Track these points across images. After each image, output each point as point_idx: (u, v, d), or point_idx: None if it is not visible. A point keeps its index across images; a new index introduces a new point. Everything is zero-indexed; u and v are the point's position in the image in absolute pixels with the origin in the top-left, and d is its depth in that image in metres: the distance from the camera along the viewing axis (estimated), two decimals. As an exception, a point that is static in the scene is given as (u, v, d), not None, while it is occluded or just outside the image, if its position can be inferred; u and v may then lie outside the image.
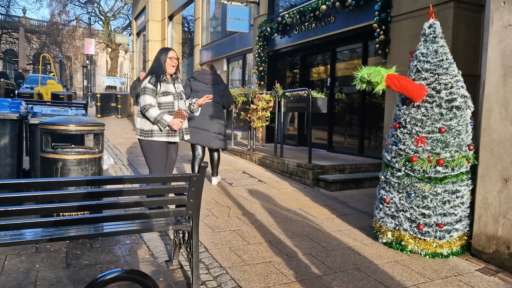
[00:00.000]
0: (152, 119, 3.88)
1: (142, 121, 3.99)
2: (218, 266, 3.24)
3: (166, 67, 4.01)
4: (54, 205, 2.53)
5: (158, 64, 4.02)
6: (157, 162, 4.04)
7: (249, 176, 6.53)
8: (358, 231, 4.17)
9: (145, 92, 3.91)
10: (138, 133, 4.03)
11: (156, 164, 4.03)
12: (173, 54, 4.02)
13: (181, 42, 19.06)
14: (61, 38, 38.59)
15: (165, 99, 3.96)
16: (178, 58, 4.03)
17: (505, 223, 3.32)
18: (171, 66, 4.00)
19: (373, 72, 3.55)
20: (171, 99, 3.99)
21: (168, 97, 3.98)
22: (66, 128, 3.57)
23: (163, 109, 3.93)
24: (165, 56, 4.01)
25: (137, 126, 4.05)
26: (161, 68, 4.00)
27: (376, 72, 3.55)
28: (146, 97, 3.89)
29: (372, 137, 7.73)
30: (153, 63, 4.07)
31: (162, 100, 3.94)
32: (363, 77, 3.57)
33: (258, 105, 7.53)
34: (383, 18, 6.27)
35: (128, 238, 3.69)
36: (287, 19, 8.71)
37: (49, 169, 3.58)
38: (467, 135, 3.57)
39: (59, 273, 2.97)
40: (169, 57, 4.00)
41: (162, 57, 4.01)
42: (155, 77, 3.95)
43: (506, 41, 3.30)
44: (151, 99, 3.89)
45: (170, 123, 3.90)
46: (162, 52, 4.06)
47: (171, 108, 3.98)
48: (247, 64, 12.55)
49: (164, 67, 4.00)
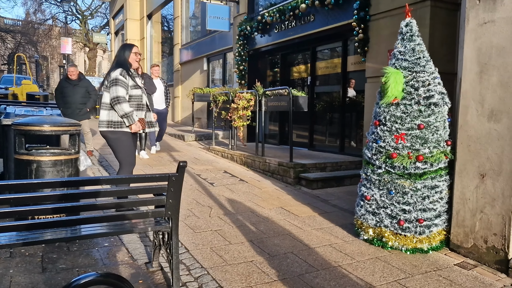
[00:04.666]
0: (122, 112, 3.89)
1: (110, 112, 3.97)
2: (199, 267, 3.19)
3: (131, 61, 4.07)
4: (28, 208, 2.45)
5: (123, 59, 4.06)
6: (129, 153, 4.07)
7: (230, 176, 6.49)
8: (339, 229, 4.19)
9: (117, 84, 3.89)
10: (105, 125, 3.97)
11: (125, 156, 4.06)
12: (137, 50, 4.11)
13: (161, 41, 18.86)
14: (36, 37, 37.64)
15: (135, 92, 4.04)
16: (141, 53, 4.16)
17: (482, 218, 3.38)
18: (135, 61, 4.07)
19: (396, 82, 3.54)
20: (140, 93, 4.09)
21: (138, 90, 4.06)
22: (40, 128, 3.47)
23: (133, 102, 4.01)
24: (129, 52, 4.07)
25: (102, 118, 3.98)
26: (126, 62, 4.06)
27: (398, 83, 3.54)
28: (119, 89, 3.89)
29: (353, 135, 7.79)
30: (118, 58, 4.10)
31: (133, 93, 4.02)
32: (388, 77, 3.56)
33: (239, 104, 7.49)
34: (362, 16, 6.32)
35: (106, 241, 3.61)
36: (267, 17, 8.70)
37: (23, 171, 3.47)
38: (444, 131, 3.62)
39: (35, 278, 2.88)
40: (134, 52, 4.07)
41: (126, 53, 4.08)
42: (125, 70, 3.99)
43: (482, 38, 3.36)
44: (123, 92, 3.91)
45: (135, 123, 3.97)
46: (126, 48, 4.13)
47: (139, 101, 4.06)
48: (228, 63, 12.50)
49: (129, 61, 4.07)
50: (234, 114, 7.66)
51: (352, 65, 7.54)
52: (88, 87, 7.44)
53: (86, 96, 7.33)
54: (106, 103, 3.98)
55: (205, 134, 10.77)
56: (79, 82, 7.30)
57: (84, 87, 7.32)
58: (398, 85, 3.54)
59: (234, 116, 7.67)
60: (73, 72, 7.29)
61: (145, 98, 4.19)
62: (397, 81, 3.54)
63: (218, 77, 13.37)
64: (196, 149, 9.15)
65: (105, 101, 3.99)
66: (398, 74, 3.57)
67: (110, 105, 3.94)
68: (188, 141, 10.23)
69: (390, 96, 3.56)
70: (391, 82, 3.53)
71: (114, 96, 3.88)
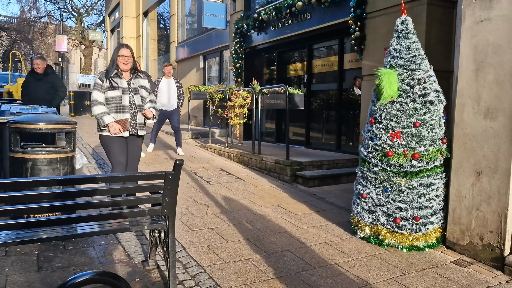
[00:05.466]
0: (94, 114, 4.05)
1: None
2: (195, 265, 3.19)
3: (118, 64, 4.11)
4: (23, 207, 2.43)
5: (112, 60, 4.17)
6: (114, 154, 4.11)
7: (227, 174, 6.48)
8: (336, 227, 4.19)
9: (94, 88, 4.10)
10: (97, 127, 4.16)
11: (113, 157, 4.12)
12: (125, 52, 4.08)
13: (157, 39, 18.80)
14: (32, 35, 37.41)
15: (112, 94, 4.06)
16: (132, 55, 4.13)
17: (478, 215, 3.39)
18: (122, 63, 4.09)
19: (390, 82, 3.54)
20: (118, 94, 4.06)
21: (115, 91, 4.06)
22: (35, 126, 3.44)
23: (110, 104, 4.04)
24: (115, 55, 4.12)
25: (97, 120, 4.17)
26: (114, 64, 4.12)
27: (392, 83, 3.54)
28: (94, 93, 4.08)
29: (349, 133, 7.80)
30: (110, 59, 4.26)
31: (108, 94, 4.06)
32: (382, 78, 3.56)
33: (235, 102, 7.48)
34: (358, 14, 6.31)
35: (102, 239, 3.60)
36: (264, 15, 8.68)
37: (19, 169, 3.45)
38: (440, 129, 3.63)
39: (30, 276, 2.86)
40: (119, 55, 4.08)
41: (114, 55, 4.15)
42: (105, 73, 4.13)
43: (478, 36, 3.36)
44: (98, 95, 4.06)
45: (109, 125, 3.98)
46: (115, 50, 4.18)
47: (118, 103, 4.06)
48: (224, 61, 12.48)
49: (116, 63, 4.11)
50: (231, 112, 7.65)
51: (348, 63, 7.54)
52: (55, 82, 6.82)
53: (51, 92, 6.64)
54: None
55: (201, 132, 10.76)
56: (45, 77, 6.67)
57: (49, 83, 6.68)
58: (392, 84, 3.54)
59: (231, 114, 7.66)
60: (38, 65, 6.67)
61: (128, 99, 4.07)
62: (391, 81, 3.54)
63: (214, 75, 13.34)
64: (192, 147, 9.13)
65: None
66: (391, 74, 3.57)
67: None
68: (185, 139, 10.20)
69: (387, 97, 3.55)
70: (385, 83, 3.53)
71: (91, 100, 4.09)
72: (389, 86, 3.53)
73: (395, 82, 3.56)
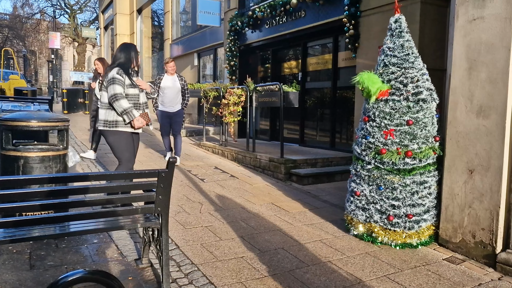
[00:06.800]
0: (121, 109, 3.95)
1: (107, 112, 4.07)
2: (189, 263, 3.18)
3: (134, 62, 4.18)
4: (15, 205, 2.41)
5: (128, 58, 4.15)
6: (126, 151, 4.12)
7: (221, 172, 6.47)
8: (330, 224, 4.20)
9: (114, 82, 3.98)
10: (102, 124, 4.09)
11: (125, 154, 4.12)
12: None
13: (151, 37, 18.71)
14: (24, 31, 37.11)
15: (132, 91, 4.09)
16: None
17: (470, 213, 3.42)
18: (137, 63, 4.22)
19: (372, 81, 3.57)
20: (137, 92, 4.14)
21: (135, 89, 4.12)
22: (27, 124, 3.42)
23: (130, 101, 4.05)
24: (136, 54, 4.21)
25: (100, 117, 4.11)
26: (130, 62, 4.16)
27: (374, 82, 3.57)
28: (116, 87, 3.97)
29: (343, 131, 7.82)
30: (122, 56, 4.16)
31: (129, 92, 4.07)
32: (362, 81, 3.59)
33: (229, 100, 7.46)
34: (352, 12, 6.32)
35: (95, 237, 3.58)
36: (258, 13, 8.66)
37: (10, 167, 3.42)
38: (433, 127, 3.65)
39: (22, 275, 2.84)
40: (139, 54, 4.24)
41: (132, 53, 4.18)
42: (124, 70, 4.07)
43: (471, 35, 3.38)
44: (121, 89, 3.99)
45: (136, 119, 4.01)
46: (132, 48, 4.24)
47: (136, 101, 4.12)
48: (219, 59, 12.45)
49: (133, 62, 4.17)
50: (225, 110, 7.63)
51: (343, 61, 7.55)
52: None
53: None
54: (105, 103, 4.08)
55: (195, 130, 10.73)
56: None
57: None
58: (375, 80, 3.59)
59: (225, 112, 7.64)
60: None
61: (142, 97, 4.22)
62: (372, 80, 3.59)
63: (209, 73, 13.31)
64: (186, 145, 9.11)
65: (104, 100, 4.10)
66: (369, 75, 3.63)
67: (108, 104, 4.04)
68: (179, 137, 10.16)
69: (375, 91, 3.58)
70: (367, 83, 3.59)
71: (111, 94, 3.95)
72: (372, 83, 3.56)
73: (376, 78, 3.61)
